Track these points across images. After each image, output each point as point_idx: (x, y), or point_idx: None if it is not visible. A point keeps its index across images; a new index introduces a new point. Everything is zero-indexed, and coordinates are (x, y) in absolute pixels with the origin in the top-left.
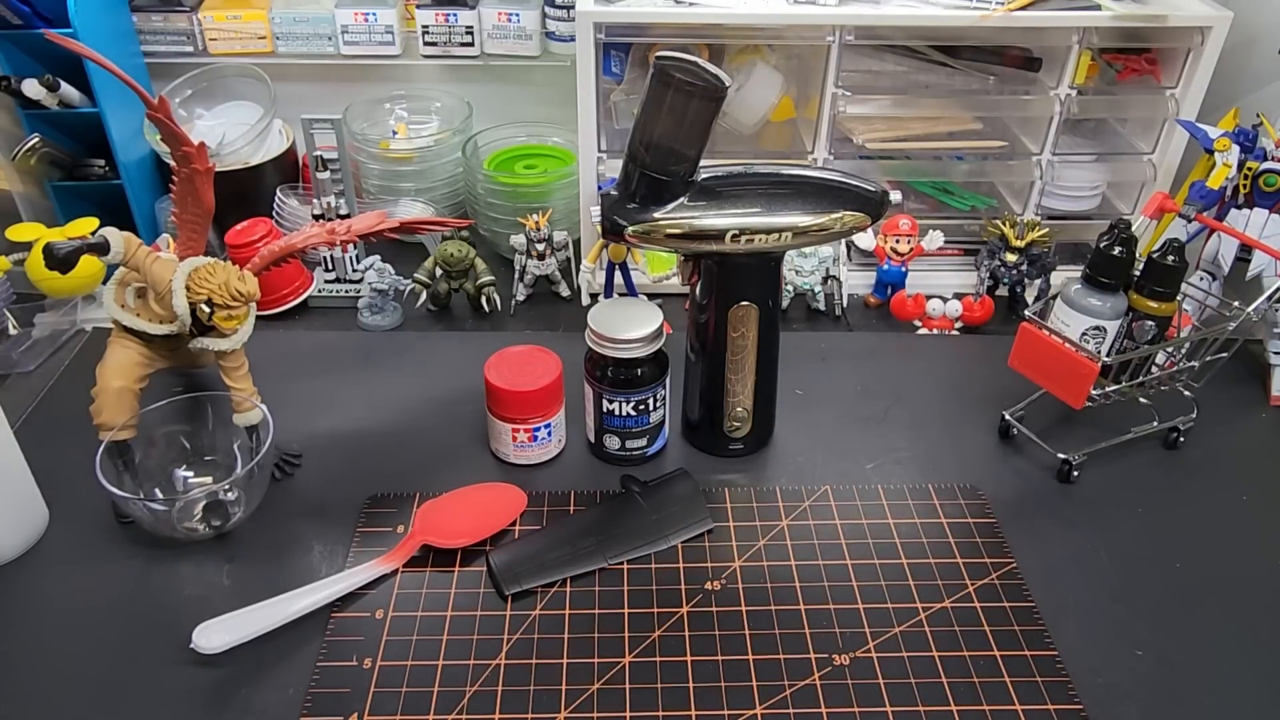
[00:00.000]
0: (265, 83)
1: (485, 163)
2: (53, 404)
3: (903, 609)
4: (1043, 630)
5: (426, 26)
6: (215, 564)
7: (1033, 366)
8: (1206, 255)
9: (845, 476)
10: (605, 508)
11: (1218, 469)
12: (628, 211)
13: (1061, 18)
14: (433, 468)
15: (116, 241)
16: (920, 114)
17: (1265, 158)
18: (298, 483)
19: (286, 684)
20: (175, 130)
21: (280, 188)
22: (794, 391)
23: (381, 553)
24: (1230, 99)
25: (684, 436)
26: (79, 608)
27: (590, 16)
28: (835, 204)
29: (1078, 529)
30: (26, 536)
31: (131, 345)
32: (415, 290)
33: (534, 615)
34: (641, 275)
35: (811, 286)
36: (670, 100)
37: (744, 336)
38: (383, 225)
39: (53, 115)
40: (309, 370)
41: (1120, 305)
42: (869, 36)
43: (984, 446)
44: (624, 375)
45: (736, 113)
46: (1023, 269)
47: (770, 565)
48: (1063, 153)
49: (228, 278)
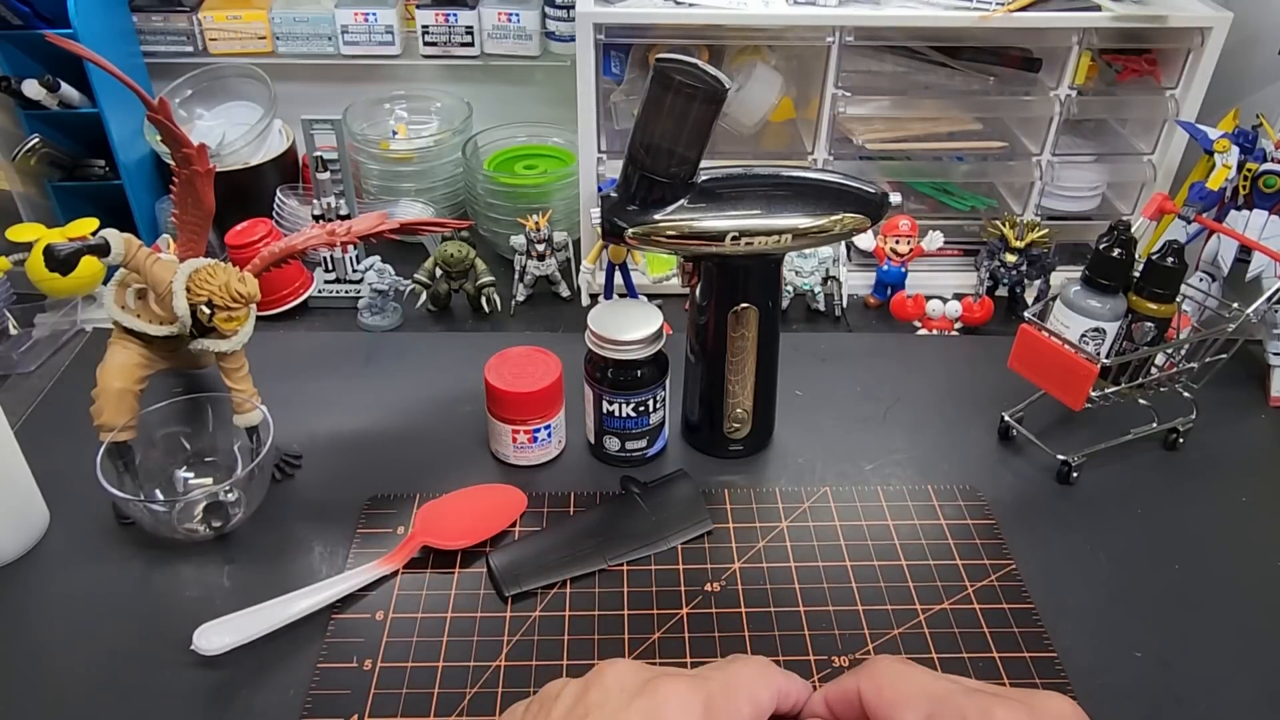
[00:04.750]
0: (265, 83)
1: (485, 163)
2: (53, 405)
3: (902, 610)
4: (1042, 632)
5: (426, 26)
6: (216, 565)
7: (1032, 368)
8: (1206, 256)
9: (845, 478)
10: (605, 509)
11: (1217, 470)
12: (628, 213)
13: (1061, 18)
14: (433, 469)
15: (117, 243)
16: (920, 114)
17: (1265, 159)
18: (298, 484)
19: (287, 686)
20: (175, 131)
21: (280, 188)
22: (794, 392)
23: (382, 554)
24: (1230, 100)
25: (684, 438)
26: (79, 608)
27: (590, 17)
28: (835, 206)
29: (1077, 530)
30: (27, 537)
31: (132, 346)
32: (415, 291)
33: (534, 617)
34: (641, 276)
35: (811, 287)
36: (670, 102)
37: (744, 338)
38: (383, 226)
39: (53, 115)
40: (309, 371)
41: (1120, 307)
42: (869, 37)
43: (983, 447)
44: (624, 376)
45: (736, 113)
46: (1022, 270)
47: (770, 567)
48: (1062, 153)
49: (228, 279)
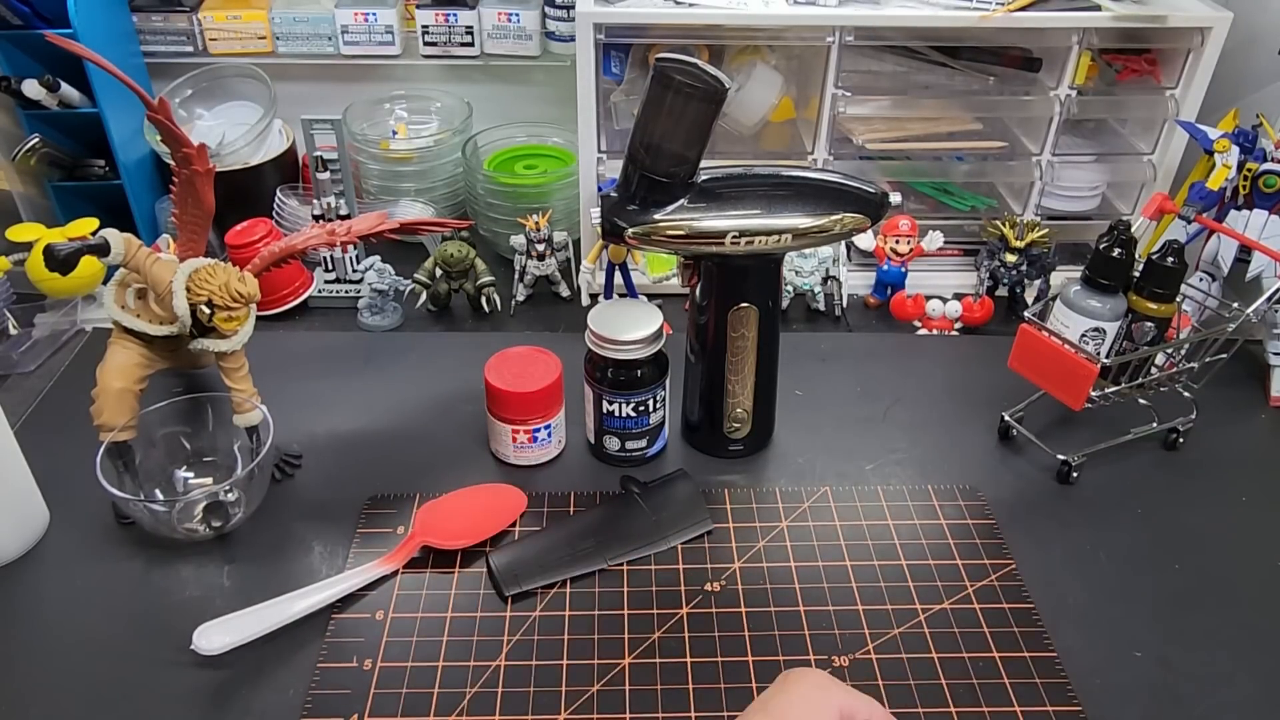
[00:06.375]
0: (265, 83)
1: (485, 163)
2: (53, 404)
3: (902, 610)
4: (1042, 631)
5: (426, 26)
6: (215, 565)
7: (1032, 367)
8: (1206, 256)
9: (845, 477)
10: (605, 509)
11: (1217, 470)
12: (628, 213)
13: (1061, 18)
14: (433, 468)
15: (117, 242)
16: (920, 114)
17: (1265, 159)
18: (298, 483)
19: (287, 685)
20: (175, 132)
21: (280, 188)
22: (794, 392)
23: (382, 554)
24: (1230, 100)
25: (684, 437)
26: (79, 608)
27: (590, 17)
28: (835, 206)
29: (1077, 530)
30: (27, 537)
31: (132, 346)
32: (415, 291)
33: (534, 616)
34: (641, 276)
35: (811, 287)
36: (670, 102)
37: (744, 337)
38: (383, 226)
39: (53, 115)
40: (309, 371)
41: (1120, 306)
42: (869, 37)
43: (983, 447)
44: (624, 376)
45: (736, 113)
46: (1022, 269)
47: (770, 566)
48: (1062, 153)
49: (228, 279)
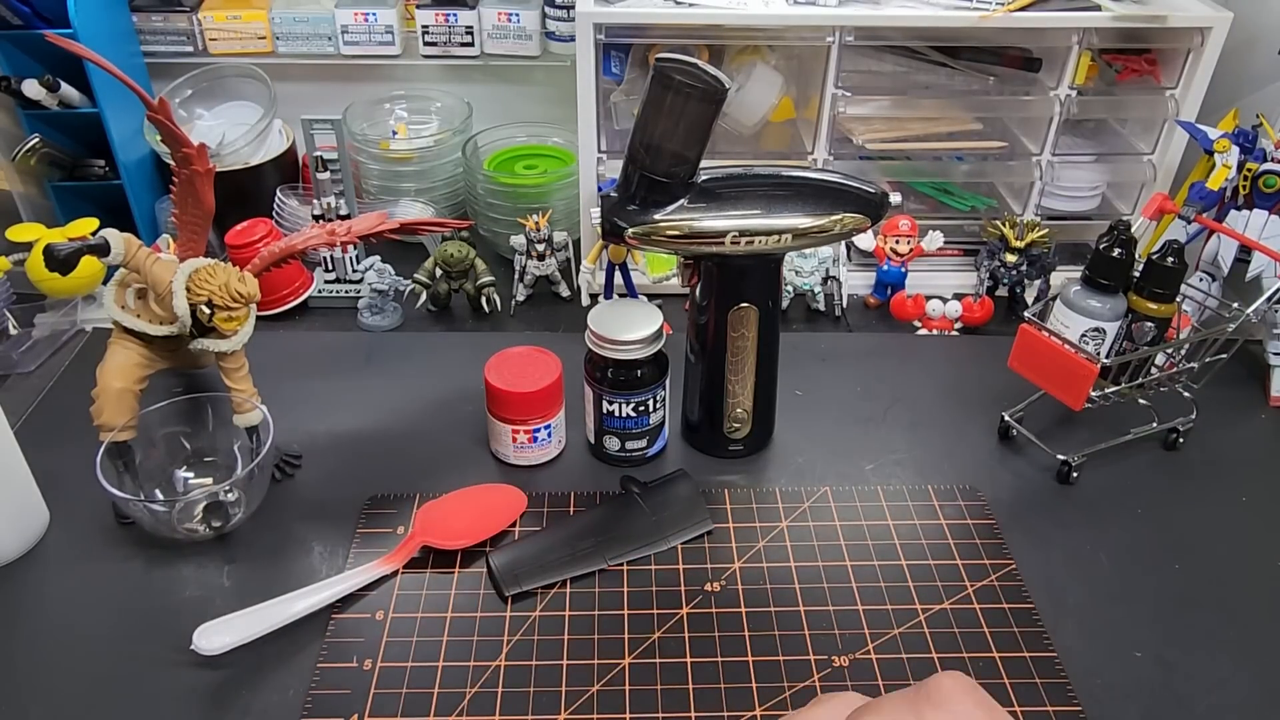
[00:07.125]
0: (265, 83)
1: (485, 163)
2: (53, 404)
3: (902, 610)
4: (1041, 631)
5: (426, 26)
6: (215, 565)
7: (1032, 368)
8: (1206, 256)
9: (844, 477)
10: (605, 509)
11: (1217, 470)
12: (628, 213)
13: (1061, 18)
14: (433, 468)
15: (117, 242)
16: (920, 114)
17: (1265, 159)
18: (298, 483)
19: (287, 685)
20: (175, 132)
21: (280, 188)
22: (794, 392)
23: (382, 554)
24: (1230, 100)
25: (684, 437)
26: (79, 608)
27: (590, 17)
28: (835, 206)
29: (1077, 530)
30: (27, 537)
31: (132, 346)
32: (415, 291)
33: (534, 617)
34: (641, 276)
35: (811, 287)
36: (670, 102)
37: (744, 337)
38: (383, 226)
39: (53, 115)
40: (309, 371)
41: (1120, 307)
42: (869, 37)
43: (983, 447)
44: (624, 376)
45: (736, 113)
46: (1022, 270)
47: (770, 567)
48: (1062, 153)
49: (228, 279)
